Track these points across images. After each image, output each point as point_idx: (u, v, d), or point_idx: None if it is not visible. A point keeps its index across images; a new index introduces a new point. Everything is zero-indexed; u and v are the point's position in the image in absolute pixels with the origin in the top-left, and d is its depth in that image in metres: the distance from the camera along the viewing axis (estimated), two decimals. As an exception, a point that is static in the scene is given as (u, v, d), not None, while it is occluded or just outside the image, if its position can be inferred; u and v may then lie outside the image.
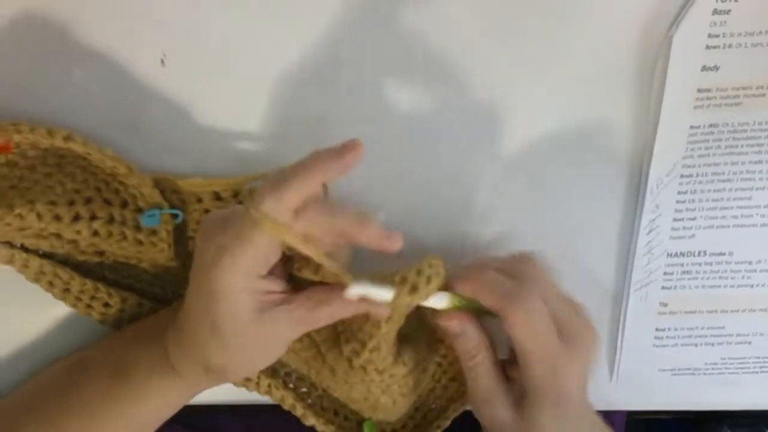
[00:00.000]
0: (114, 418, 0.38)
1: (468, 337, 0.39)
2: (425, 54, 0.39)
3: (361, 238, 0.33)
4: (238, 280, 0.33)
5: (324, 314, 0.35)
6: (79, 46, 0.39)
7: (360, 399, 0.43)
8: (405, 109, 0.40)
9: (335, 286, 0.35)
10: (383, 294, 0.34)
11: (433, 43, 0.39)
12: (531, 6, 0.38)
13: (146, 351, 0.38)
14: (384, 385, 0.40)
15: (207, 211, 0.40)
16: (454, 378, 0.46)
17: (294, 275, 0.36)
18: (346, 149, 0.32)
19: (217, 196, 0.40)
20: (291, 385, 0.45)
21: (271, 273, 0.34)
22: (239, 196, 0.40)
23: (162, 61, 0.39)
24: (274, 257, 0.33)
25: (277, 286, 0.35)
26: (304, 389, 0.46)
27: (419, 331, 0.42)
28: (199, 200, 0.40)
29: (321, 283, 0.36)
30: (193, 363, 0.36)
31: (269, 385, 0.43)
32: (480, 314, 0.39)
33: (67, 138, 0.37)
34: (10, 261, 0.39)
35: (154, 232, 0.39)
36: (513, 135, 0.41)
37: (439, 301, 0.37)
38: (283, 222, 0.31)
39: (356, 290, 0.34)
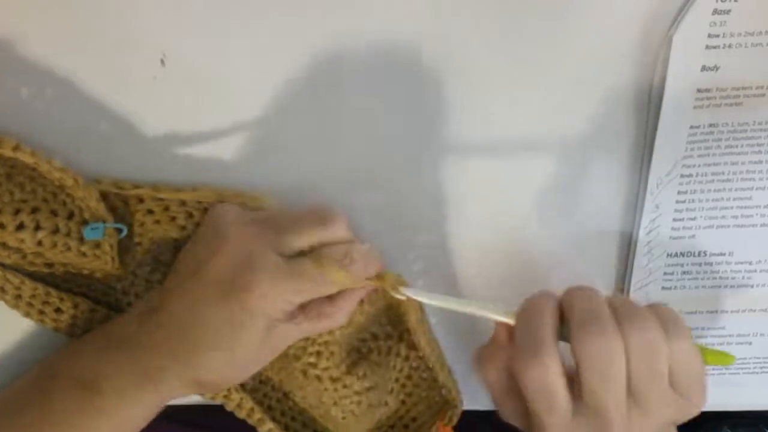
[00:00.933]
0: (89, 428, 0.38)
1: (497, 355, 0.38)
2: (423, 53, 0.39)
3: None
4: (273, 312, 0.35)
5: (330, 323, 0.37)
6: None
7: (315, 405, 0.44)
8: (402, 110, 0.40)
9: (337, 294, 0.37)
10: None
11: (431, 42, 0.39)
12: (530, 6, 0.38)
13: (118, 362, 0.38)
14: (337, 396, 0.41)
15: (150, 211, 0.41)
16: (415, 418, 0.46)
17: None
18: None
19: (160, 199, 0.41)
20: (248, 388, 0.45)
21: None
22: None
23: (162, 61, 0.39)
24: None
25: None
26: (263, 394, 0.45)
27: (386, 364, 0.43)
28: (141, 200, 0.41)
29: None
30: (181, 375, 0.36)
31: (228, 389, 0.43)
32: None
33: (16, 148, 0.37)
34: None
35: (97, 245, 0.40)
36: (512, 135, 0.41)
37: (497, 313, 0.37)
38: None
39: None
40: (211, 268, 0.36)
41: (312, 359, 0.41)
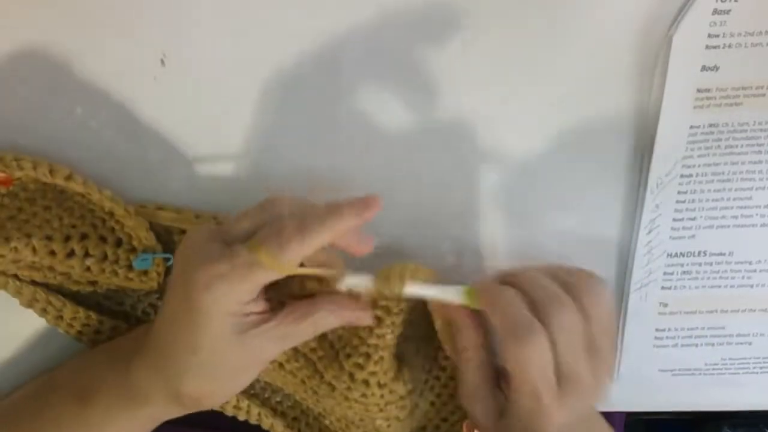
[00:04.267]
0: None
1: (464, 335, 0.39)
2: (422, 54, 0.39)
3: (342, 241, 0.34)
4: (228, 307, 0.33)
5: (307, 327, 0.35)
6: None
7: (356, 420, 0.43)
8: (401, 112, 0.40)
9: (316, 298, 0.36)
10: (365, 282, 0.36)
11: (430, 42, 0.39)
12: (530, 6, 0.38)
13: (111, 376, 0.38)
14: (383, 402, 0.41)
15: None
16: (446, 419, 0.46)
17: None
18: (365, 206, 0.33)
19: None
20: (281, 411, 0.45)
21: None
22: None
23: (162, 61, 0.39)
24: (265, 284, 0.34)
25: (257, 306, 0.34)
26: (295, 416, 0.46)
27: (417, 365, 0.43)
28: (183, 231, 0.41)
29: (299, 297, 0.36)
30: (163, 389, 0.35)
31: (259, 414, 0.43)
32: None
33: (69, 177, 0.37)
34: (4, 287, 0.40)
35: (145, 272, 0.40)
36: (512, 135, 0.41)
37: (449, 294, 0.37)
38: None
39: (345, 283, 0.36)
40: (172, 274, 0.35)
41: (360, 360, 0.40)
